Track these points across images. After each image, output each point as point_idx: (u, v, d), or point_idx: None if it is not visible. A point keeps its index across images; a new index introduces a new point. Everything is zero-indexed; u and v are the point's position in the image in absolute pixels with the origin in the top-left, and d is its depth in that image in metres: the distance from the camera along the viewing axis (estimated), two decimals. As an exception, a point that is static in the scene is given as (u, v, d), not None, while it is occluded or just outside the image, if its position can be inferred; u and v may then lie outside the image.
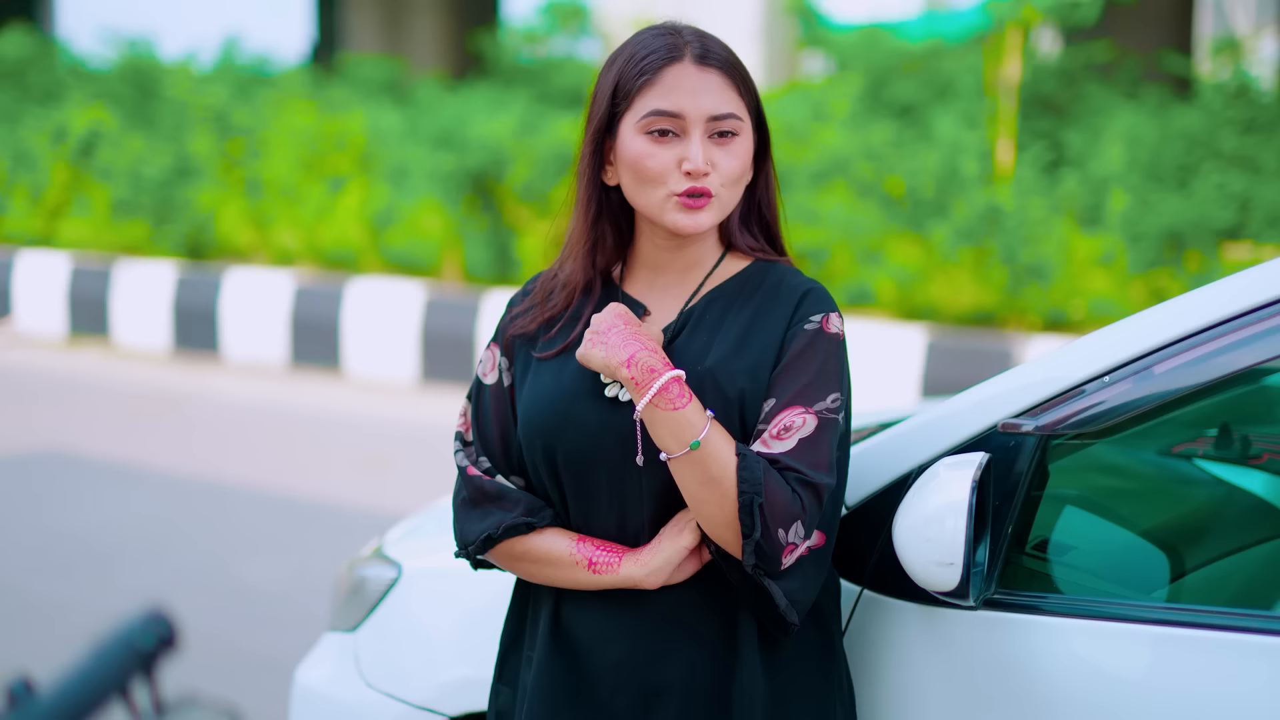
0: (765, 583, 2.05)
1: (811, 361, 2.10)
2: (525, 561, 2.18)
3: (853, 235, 9.37)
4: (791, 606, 2.07)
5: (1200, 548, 2.50)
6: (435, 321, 10.35)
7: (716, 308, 2.18)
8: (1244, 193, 8.72)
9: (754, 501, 2.00)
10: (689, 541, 2.10)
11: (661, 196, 2.12)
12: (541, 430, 2.15)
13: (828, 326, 2.12)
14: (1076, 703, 2.11)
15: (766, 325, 2.14)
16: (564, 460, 2.15)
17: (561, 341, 2.20)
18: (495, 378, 2.25)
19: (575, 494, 2.16)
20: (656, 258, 2.22)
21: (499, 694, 2.30)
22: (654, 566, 2.10)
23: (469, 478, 2.22)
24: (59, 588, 5.79)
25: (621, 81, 2.15)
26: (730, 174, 2.12)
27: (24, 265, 12.37)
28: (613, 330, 2.09)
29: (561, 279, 2.25)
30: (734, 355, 2.12)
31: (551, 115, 11.53)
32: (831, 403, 2.09)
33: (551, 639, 2.18)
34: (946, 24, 11.48)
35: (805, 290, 2.16)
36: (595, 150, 2.20)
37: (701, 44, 2.14)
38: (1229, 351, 2.12)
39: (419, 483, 7.33)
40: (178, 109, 13.02)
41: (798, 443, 2.06)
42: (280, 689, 3.68)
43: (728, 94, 2.12)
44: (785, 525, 2.03)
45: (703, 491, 2.04)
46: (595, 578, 2.13)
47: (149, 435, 8.73)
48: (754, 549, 2.02)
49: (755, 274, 2.21)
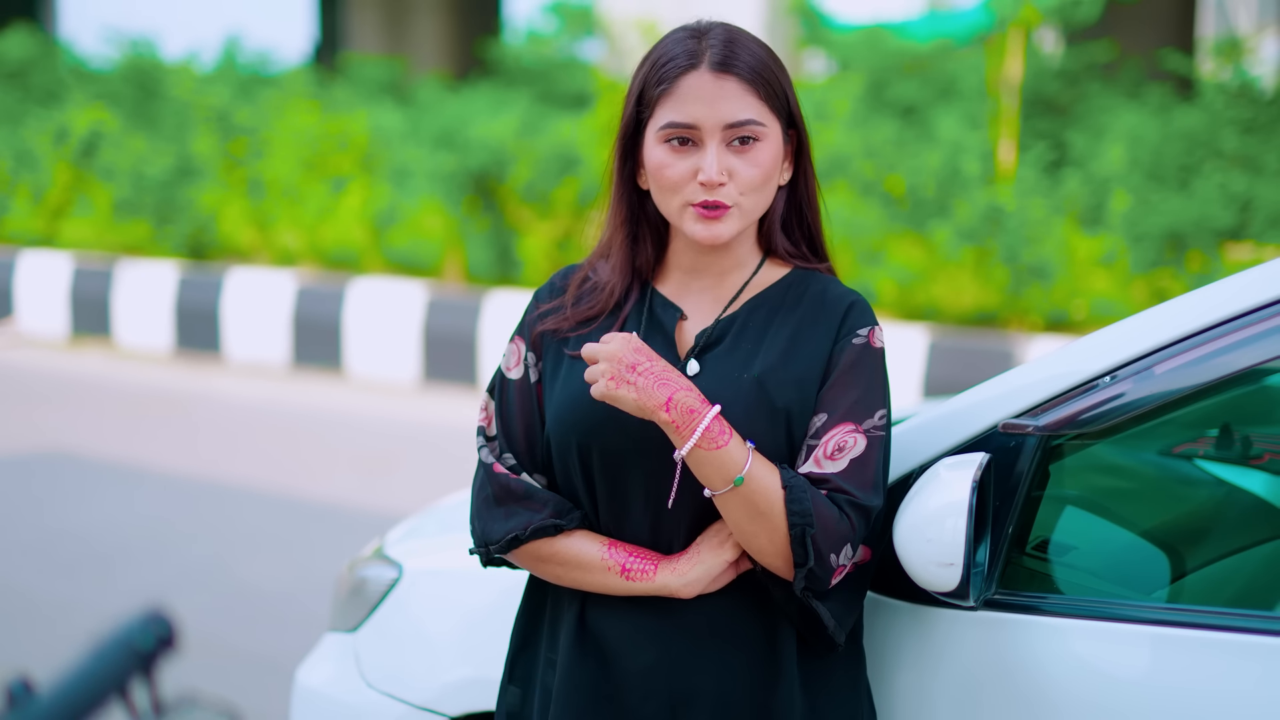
0: (814, 604, 2.05)
1: (860, 377, 2.09)
2: (551, 564, 2.15)
3: (854, 235, 9.37)
4: (839, 627, 2.08)
5: (1201, 548, 2.50)
6: (437, 322, 10.35)
7: (760, 315, 2.15)
8: (1245, 193, 8.72)
9: (806, 533, 2.00)
10: (730, 555, 2.08)
11: (679, 205, 2.11)
12: (578, 428, 2.12)
13: (874, 341, 2.12)
14: (1077, 703, 2.11)
15: (813, 337, 2.12)
16: (599, 460, 2.12)
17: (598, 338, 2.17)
18: (521, 372, 2.21)
19: (608, 495, 2.13)
20: (692, 260, 2.19)
21: (508, 694, 2.27)
22: (692, 578, 2.08)
23: (495, 475, 2.18)
24: (61, 587, 5.79)
25: (645, 89, 2.13)
26: (749, 182, 2.09)
27: (26, 265, 12.37)
28: (642, 371, 2.03)
29: (596, 280, 2.22)
30: (781, 365, 2.10)
31: (553, 116, 11.53)
32: (879, 420, 2.08)
33: (577, 642, 2.15)
34: (948, 24, 11.49)
35: (850, 303, 2.14)
36: (625, 154, 2.18)
37: (723, 48, 2.10)
38: (1230, 352, 2.12)
39: (420, 483, 7.33)
40: (180, 109, 13.02)
41: (849, 463, 2.05)
42: (281, 689, 3.68)
43: (746, 100, 2.08)
44: (837, 549, 2.02)
45: (753, 525, 2.02)
46: (628, 584, 2.11)
47: (151, 435, 8.73)
48: (806, 575, 2.02)
49: (796, 282, 2.19)
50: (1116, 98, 10.04)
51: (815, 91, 10.54)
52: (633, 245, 2.21)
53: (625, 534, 2.13)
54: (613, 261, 2.21)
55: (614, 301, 2.20)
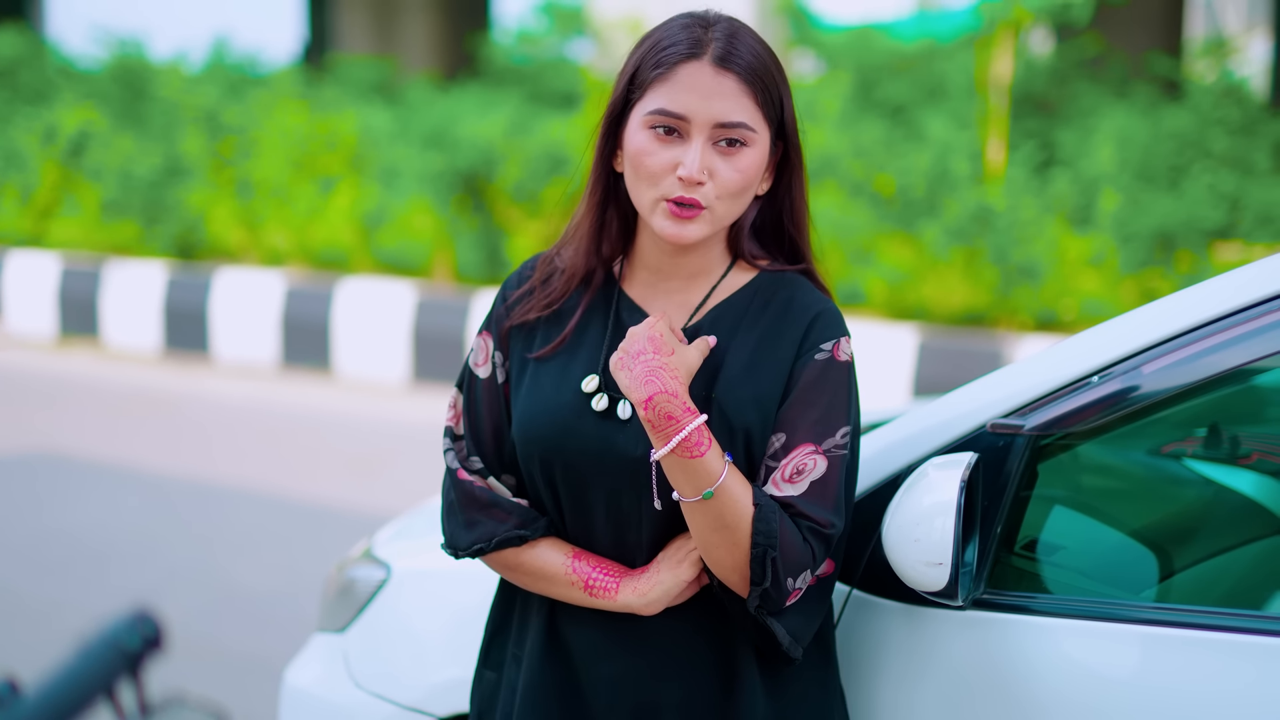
0: (768, 621, 2.02)
1: (822, 395, 2.04)
2: (518, 573, 2.14)
3: (844, 235, 9.38)
4: (795, 643, 2.05)
5: (1189, 547, 2.50)
6: (426, 322, 10.35)
7: (723, 325, 2.10)
8: (1234, 193, 8.74)
9: (767, 554, 1.96)
10: (688, 575, 2.06)
11: (652, 199, 2.03)
12: (540, 442, 2.09)
13: (838, 354, 2.06)
14: (1065, 703, 2.11)
15: (775, 351, 2.06)
16: (562, 474, 2.09)
17: (556, 338, 2.14)
18: (488, 371, 2.18)
19: (572, 507, 2.11)
20: (658, 260, 2.13)
21: (483, 679, 2.26)
22: (652, 598, 2.06)
23: (459, 482, 2.15)
24: (48, 587, 5.78)
25: (640, 70, 2.05)
26: (728, 187, 2.02)
27: (13, 266, 12.35)
28: (640, 359, 1.98)
29: (560, 264, 2.17)
30: (740, 384, 2.05)
31: (542, 115, 11.53)
32: (841, 438, 2.03)
33: (546, 645, 2.14)
34: (937, 24, 11.50)
35: (815, 313, 2.08)
36: (609, 133, 2.10)
37: (727, 43, 2.02)
38: (1218, 351, 2.12)
39: (409, 483, 7.32)
40: (168, 109, 13.00)
41: (809, 486, 2.01)
42: (269, 689, 3.68)
43: (742, 102, 2.01)
44: (795, 574, 1.99)
45: (715, 536, 1.99)
46: (590, 599, 2.09)
47: (139, 436, 8.71)
48: (760, 595, 1.99)
49: (763, 287, 2.13)
50: (1106, 98, 10.06)
51: (804, 91, 10.54)
52: (599, 231, 2.15)
53: (592, 543, 2.12)
54: (576, 245, 2.16)
55: (572, 287, 2.15)
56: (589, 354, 2.13)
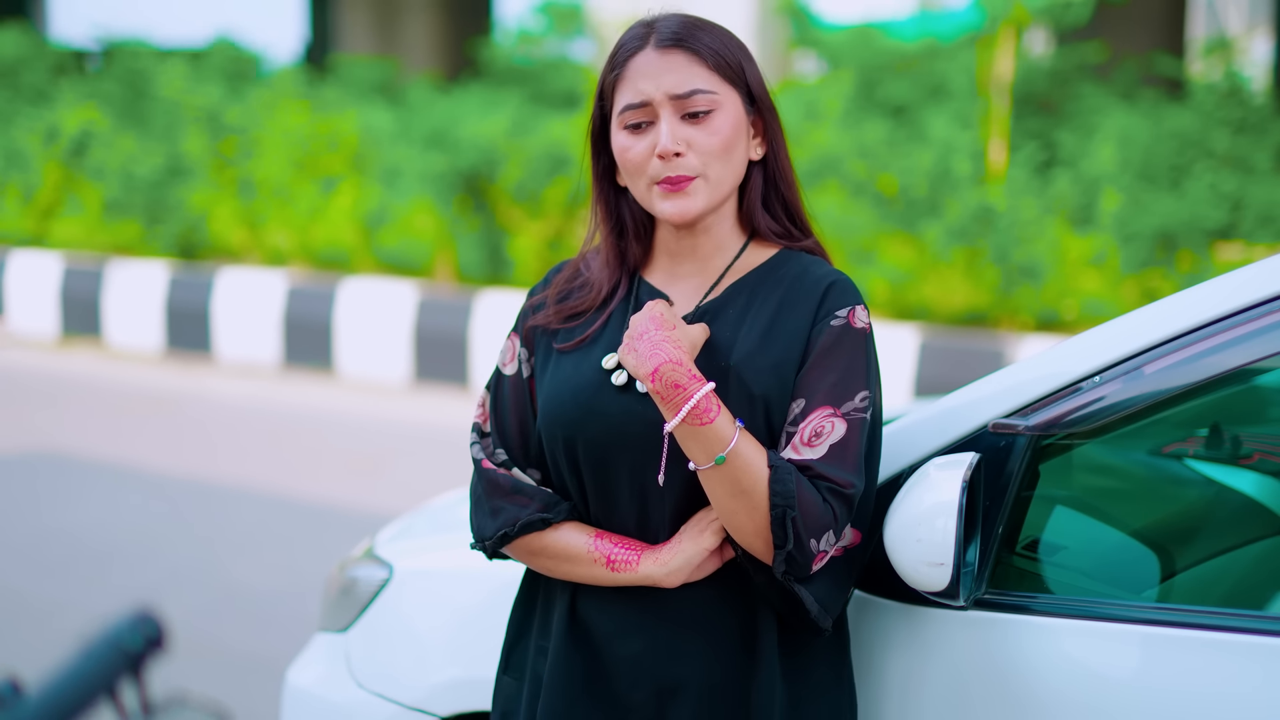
0: (796, 588, 2.04)
1: (839, 359, 2.07)
2: (543, 557, 2.17)
3: (845, 235, 9.37)
4: (824, 611, 2.06)
5: (1190, 548, 2.50)
6: (428, 322, 10.35)
7: (740, 300, 2.15)
8: (1236, 193, 8.73)
9: (787, 514, 1.98)
10: (710, 543, 2.08)
11: (645, 186, 2.11)
12: (562, 422, 2.13)
13: (854, 321, 2.09)
14: (1067, 703, 2.11)
15: (791, 320, 2.10)
16: (585, 453, 2.12)
17: (583, 333, 2.19)
18: (515, 368, 2.23)
19: (596, 488, 2.14)
20: (674, 245, 2.19)
21: (503, 684, 2.28)
22: (674, 566, 2.08)
23: (484, 471, 2.20)
24: (52, 587, 5.78)
25: (604, 83, 2.16)
26: (710, 149, 2.09)
27: (16, 265, 12.35)
28: (644, 337, 2.04)
29: (587, 277, 2.24)
30: (759, 352, 2.09)
31: (544, 116, 11.52)
32: (860, 402, 2.06)
33: (569, 630, 2.16)
34: (939, 24, 11.48)
35: (830, 283, 2.12)
36: (597, 154, 2.20)
37: (669, 27, 2.12)
38: (1219, 351, 2.12)
39: (411, 483, 7.32)
40: (170, 109, 13.00)
41: (828, 449, 2.03)
42: (271, 689, 3.68)
43: (693, 70, 2.08)
44: (818, 535, 2.01)
45: (733, 503, 2.01)
46: (613, 575, 2.11)
47: (141, 435, 8.72)
48: (785, 558, 2.00)
49: (778, 264, 2.18)
50: (1107, 98, 10.05)
51: (806, 91, 10.54)
52: (619, 241, 2.22)
53: (614, 524, 2.14)
54: (601, 258, 2.23)
55: (601, 298, 2.21)
56: (611, 336, 2.18)
